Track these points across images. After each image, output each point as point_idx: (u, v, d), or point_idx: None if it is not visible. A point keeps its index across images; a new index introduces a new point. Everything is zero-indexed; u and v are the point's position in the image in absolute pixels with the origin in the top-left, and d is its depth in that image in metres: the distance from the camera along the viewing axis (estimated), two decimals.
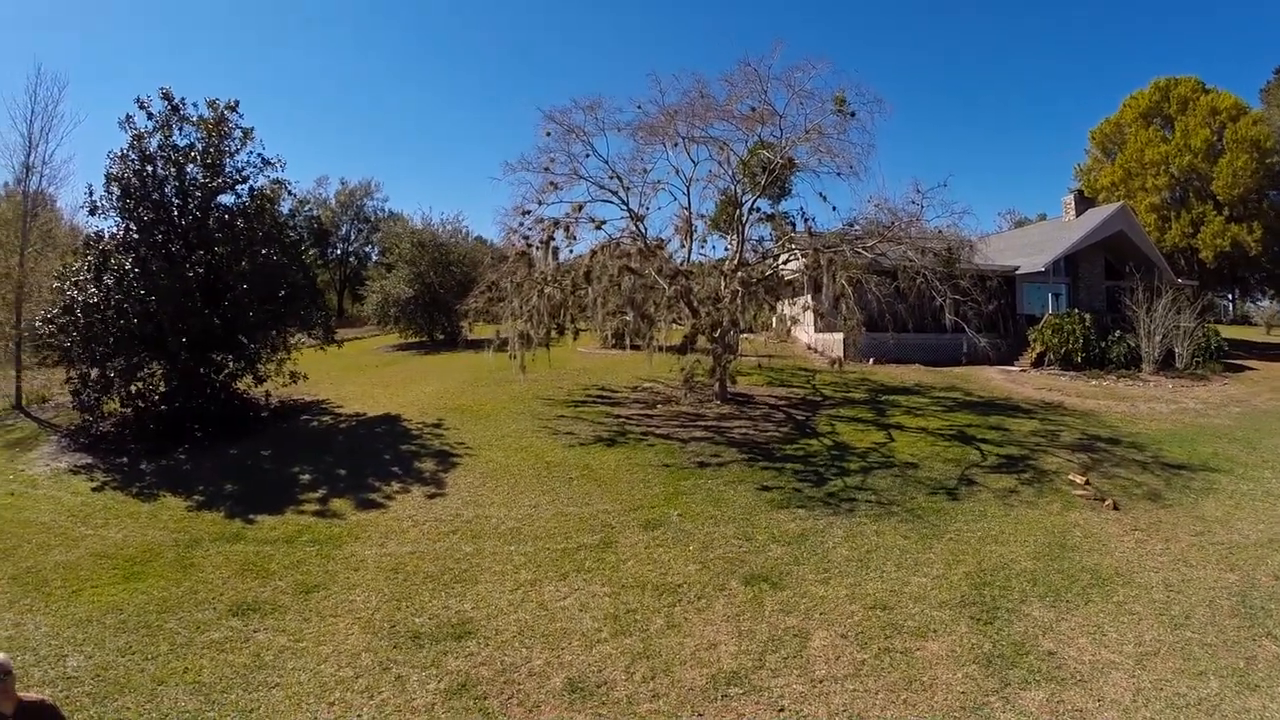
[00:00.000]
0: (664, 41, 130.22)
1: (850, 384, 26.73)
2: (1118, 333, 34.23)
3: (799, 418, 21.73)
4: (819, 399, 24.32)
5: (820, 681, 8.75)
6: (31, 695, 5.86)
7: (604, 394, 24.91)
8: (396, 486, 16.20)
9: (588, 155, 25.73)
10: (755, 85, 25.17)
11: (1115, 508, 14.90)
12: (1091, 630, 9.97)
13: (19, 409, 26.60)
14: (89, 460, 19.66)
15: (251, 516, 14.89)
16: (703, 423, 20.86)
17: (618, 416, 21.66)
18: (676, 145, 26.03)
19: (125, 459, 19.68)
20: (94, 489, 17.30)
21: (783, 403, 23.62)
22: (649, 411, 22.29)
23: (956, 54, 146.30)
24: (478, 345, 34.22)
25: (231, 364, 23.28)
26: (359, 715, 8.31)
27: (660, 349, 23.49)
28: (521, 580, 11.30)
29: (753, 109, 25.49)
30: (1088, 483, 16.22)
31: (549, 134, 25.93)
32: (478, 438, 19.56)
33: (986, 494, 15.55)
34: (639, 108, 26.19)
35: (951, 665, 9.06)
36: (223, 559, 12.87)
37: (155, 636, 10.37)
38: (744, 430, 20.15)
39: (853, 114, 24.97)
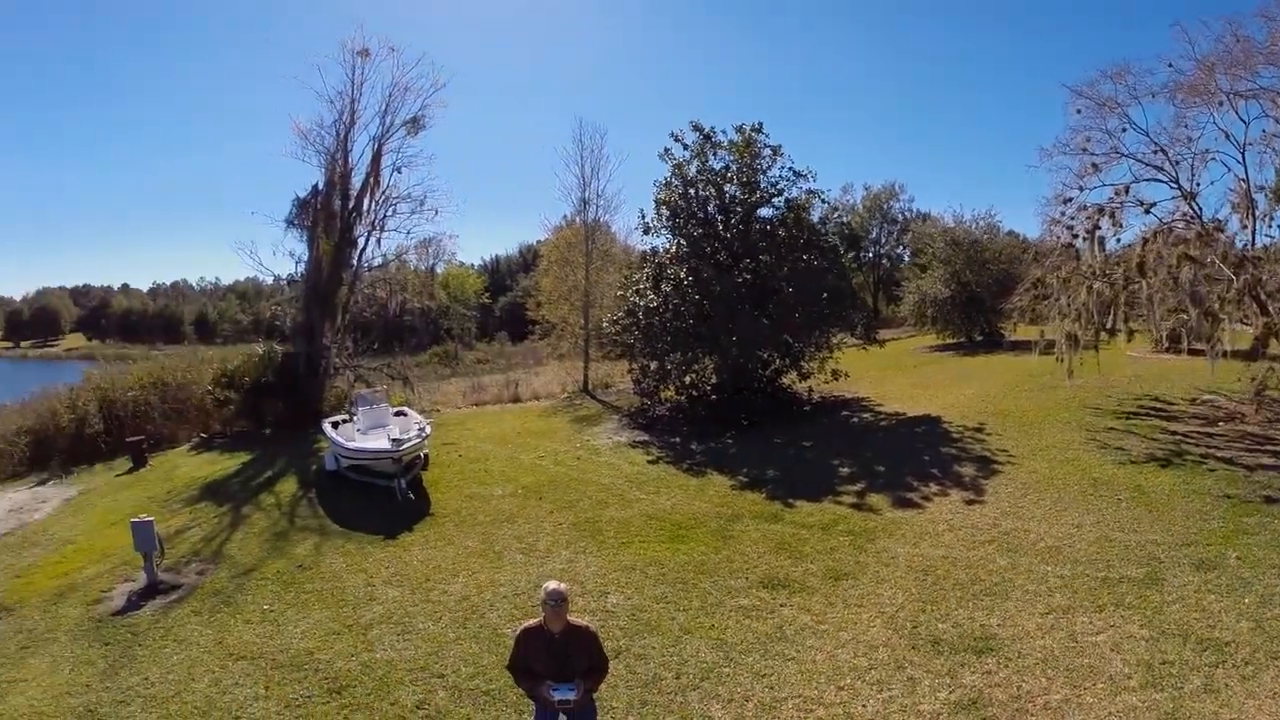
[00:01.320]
0: None
1: None
2: None
3: None
4: None
5: None
6: (578, 620, 6.71)
7: (1157, 405, 22.07)
8: (934, 488, 15.90)
9: (1124, 129, 23.28)
10: None
11: None
12: None
13: (586, 392, 31.90)
14: (646, 437, 22.47)
15: (790, 501, 15.66)
16: (1273, 447, 17.45)
17: (1173, 433, 18.93)
18: (1221, 104, 22.14)
19: (677, 439, 22.06)
20: (649, 461, 19.73)
21: None
22: (1209, 429, 19.14)
23: None
24: (1019, 347, 32.50)
25: (778, 361, 25.00)
26: (864, 704, 8.28)
27: (1225, 354, 20.18)
28: (1054, 605, 10.30)
29: None
30: None
31: (1079, 111, 24.09)
32: (1020, 445, 18.46)
33: None
34: (1169, 66, 22.89)
35: None
36: (760, 535, 13.76)
37: (689, 592, 11.47)
38: None
39: None
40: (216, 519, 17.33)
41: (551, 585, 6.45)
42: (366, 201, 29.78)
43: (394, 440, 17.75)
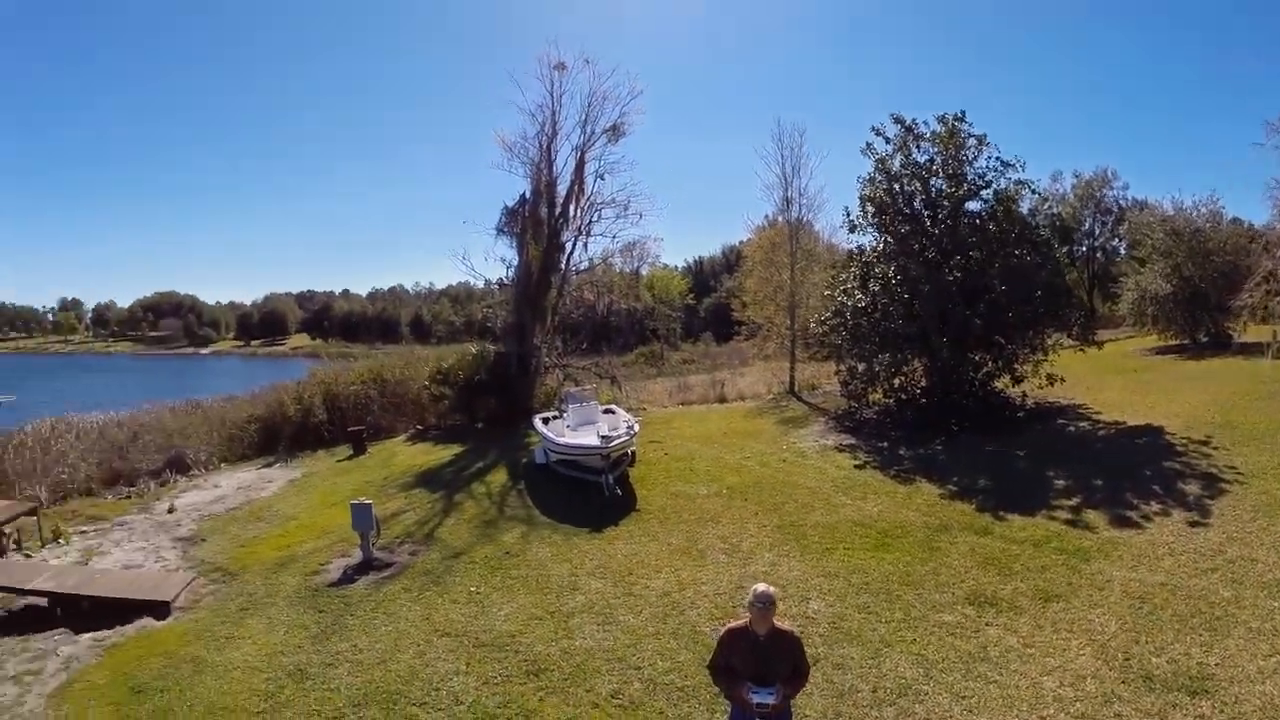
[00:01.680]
0: None
1: None
2: None
3: None
4: None
5: None
6: (783, 624, 6.76)
7: None
8: (1155, 507, 14.98)
9: None
10: None
11: None
12: None
13: (792, 394, 31.89)
14: (852, 441, 22.30)
15: (1001, 513, 15.22)
16: None
17: None
18: None
19: (885, 444, 21.80)
20: (856, 466, 19.61)
21: None
22: None
23: None
24: (1249, 349, 30.55)
25: (989, 363, 24.05)
26: None
27: None
28: (1279, 646, 9.58)
29: None
30: None
31: None
32: (1251, 462, 17.09)
33: None
34: None
35: None
36: (968, 548, 13.51)
37: (892, 604, 11.47)
38: None
39: None
40: (429, 505, 18.73)
41: (761, 587, 6.49)
42: (572, 208, 31.18)
43: (603, 437, 18.59)
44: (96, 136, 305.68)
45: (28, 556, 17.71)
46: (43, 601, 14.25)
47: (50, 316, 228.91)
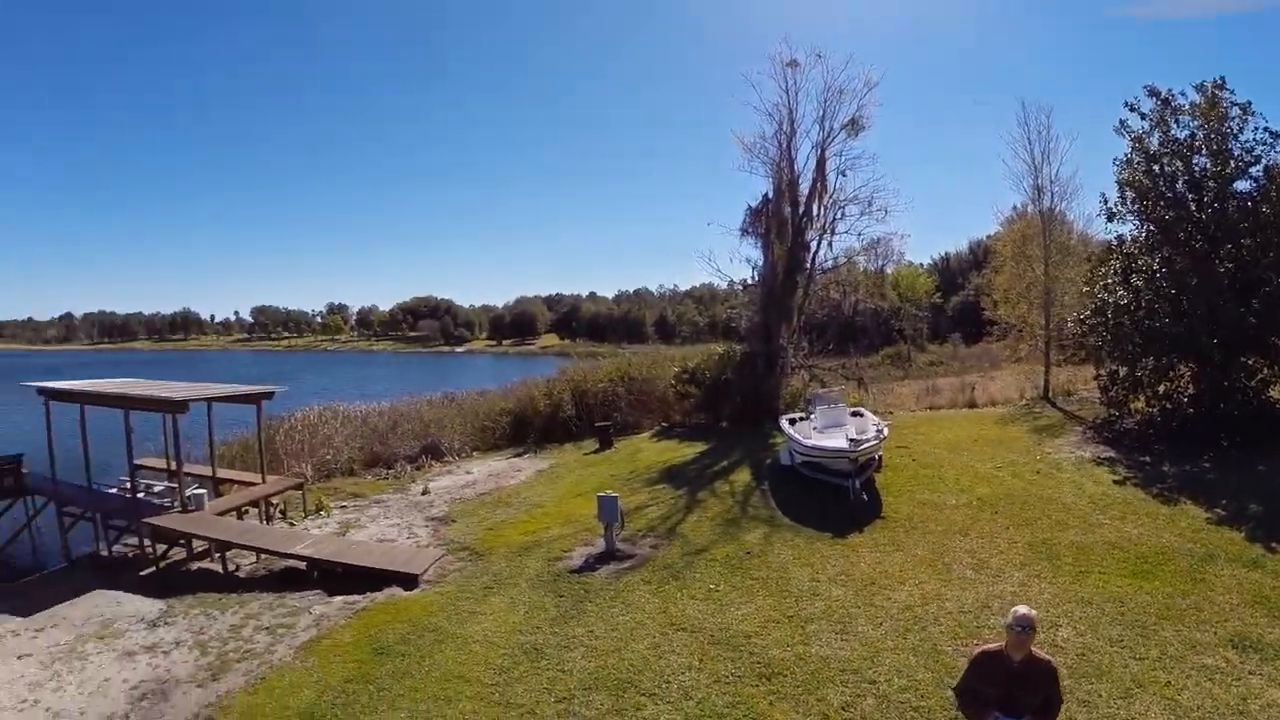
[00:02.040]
0: None
1: None
2: None
3: None
4: None
5: None
6: (1040, 653, 6.52)
7: None
8: None
9: None
10: None
11: None
12: None
13: (1046, 399, 30.30)
14: (1111, 454, 20.95)
15: (1274, 545, 13.87)
16: None
17: None
18: None
19: (1148, 458, 20.29)
20: (1115, 482, 18.48)
21: None
22: None
23: None
24: None
25: (1265, 369, 21.73)
26: None
27: None
28: None
29: None
30: None
31: None
32: None
33: None
34: None
35: None
36: (1235, 583, 12.42)
37: (1147, 639, 10.69)
38: None
39: None
40: (672, 500, 19.67)
41: (1022, 610, 6.32)
42: (815, 206, 31.58)
43: (851, 440, 18.58)
44: (365, 166, 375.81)
45: (291, 525, 20.82)
46: (301, 565, 16.78)
47: (319, 319, 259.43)
